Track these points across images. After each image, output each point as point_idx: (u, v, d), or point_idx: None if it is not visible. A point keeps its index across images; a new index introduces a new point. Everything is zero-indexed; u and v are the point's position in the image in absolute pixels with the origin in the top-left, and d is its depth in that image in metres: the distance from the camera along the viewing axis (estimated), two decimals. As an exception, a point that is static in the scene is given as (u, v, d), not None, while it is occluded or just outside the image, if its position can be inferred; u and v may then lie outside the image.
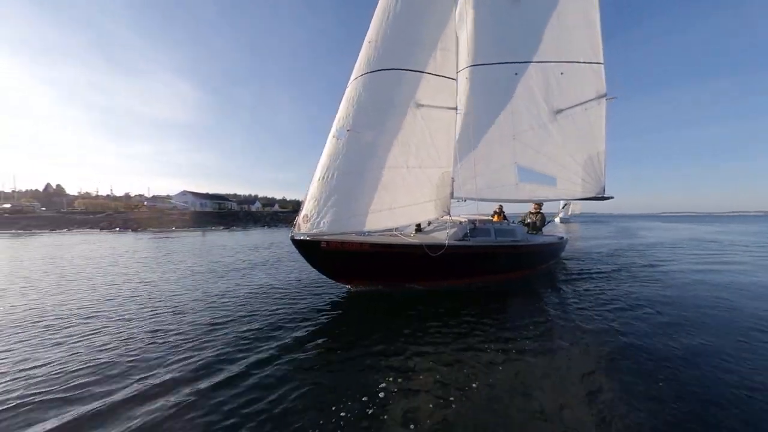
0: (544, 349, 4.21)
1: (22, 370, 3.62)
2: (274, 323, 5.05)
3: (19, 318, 5.32)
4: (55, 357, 3.93)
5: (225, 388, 3.32)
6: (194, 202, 59.01)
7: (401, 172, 6.34)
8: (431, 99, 6.51)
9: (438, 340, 4.52)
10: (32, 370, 3.62)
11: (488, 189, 7.79)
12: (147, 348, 4.21)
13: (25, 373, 3.58)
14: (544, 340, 4.52)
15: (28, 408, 3.00)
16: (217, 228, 37.10)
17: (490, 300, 6.55)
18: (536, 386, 3.37)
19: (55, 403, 3.10)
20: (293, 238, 6.16)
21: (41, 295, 6.74)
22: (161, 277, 8.65)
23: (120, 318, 5.31)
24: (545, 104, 7.88)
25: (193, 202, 58.77)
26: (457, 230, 7.18)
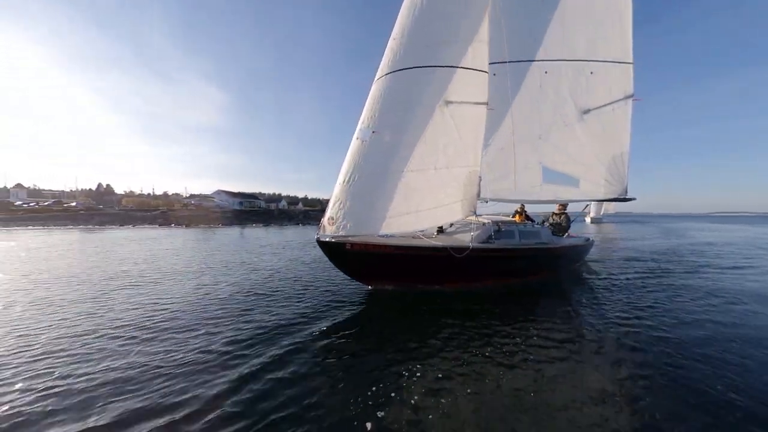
0: (572, 354, 3.97)
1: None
2: (296, 319, 5.12)
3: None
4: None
5: (252, 380, 3.36)
6: (228, 200, 60.54)
7: (428, 174, 6.04)
8: (461, 95, 6.11)
9: (460, 340, 4.40)
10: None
11: (512, 190, 7.55)
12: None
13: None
14: (573, 345, 4.27)
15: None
16: (257, 225, 38.83)
17: (514, 301, 6.31)
18: (561, 396, 3.14)
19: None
20: (318, 239, 6.06)
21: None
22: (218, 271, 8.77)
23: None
24: (573, 104, 7.54)
25: (226, 200, 60.31)
26: (481, 232, 6.92)
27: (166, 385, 3.27)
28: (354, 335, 4.60)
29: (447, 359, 3.88)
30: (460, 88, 6.15)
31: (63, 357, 3.82)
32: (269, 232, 27.74)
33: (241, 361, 3.76)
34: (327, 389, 3.23)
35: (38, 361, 3.71)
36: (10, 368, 3.55)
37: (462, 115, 6.25)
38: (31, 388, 3.20)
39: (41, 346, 4.11)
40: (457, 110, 6.19)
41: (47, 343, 4.20)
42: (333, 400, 3.07)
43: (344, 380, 3.41)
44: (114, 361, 3.74)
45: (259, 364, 3.67)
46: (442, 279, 6.69)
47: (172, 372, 3.49)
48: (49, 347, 4.07)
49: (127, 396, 3.08)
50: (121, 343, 4.22)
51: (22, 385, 3.25)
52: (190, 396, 3.08)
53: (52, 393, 3.11)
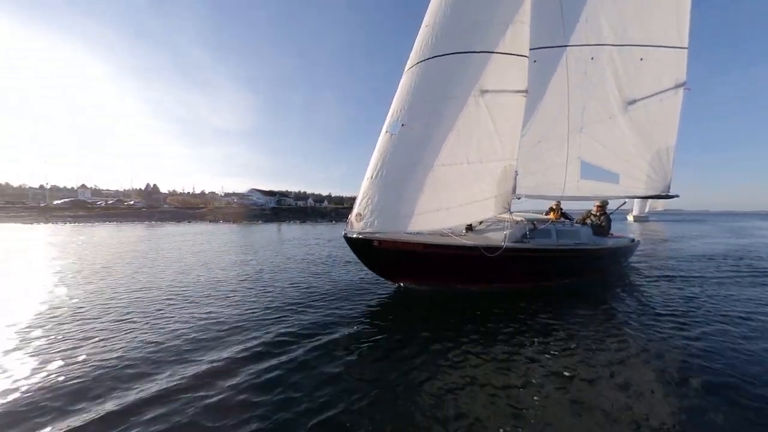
0: (616, 363, 3.51)
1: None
2: (325, 316, 5.03)
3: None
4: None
5: (275, 374, 3.29)
6: (262, 198, 62.19)
7: (460, 169, 5.63)
8: (497, 83, 5.60)
9: (491, 342, 4.09)
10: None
11: (548, 186, 7.06)
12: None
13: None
14: (616, 352, 3.80)
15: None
16: (293, 222, 40.28)
17: (551, 303, 5.82)
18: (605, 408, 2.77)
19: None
20: (346, 235, 5.86)
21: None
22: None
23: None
24: (619, 94, 6.83)
25: (260, 198, 61.98)
26: (514, 230, 6.39)
27: (189, 370, 3.21)
28: (381, 334, 4.41)
29: (478, 360, 3.62)
30: (497, 75, 5.63)
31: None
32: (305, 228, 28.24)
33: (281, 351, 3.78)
34: (353, 388, 3.10)
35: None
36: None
37: (499, 104, 5.74)
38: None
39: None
40: (493, 100, 5.69)
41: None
42: (360, 399, 2.92)
43: (370, 380, 3.25)
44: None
45: (288, 359, 3.61)
46: (473, 279, 6.33)
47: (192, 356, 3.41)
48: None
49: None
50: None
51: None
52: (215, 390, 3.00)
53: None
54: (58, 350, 3.80)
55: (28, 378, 3.21)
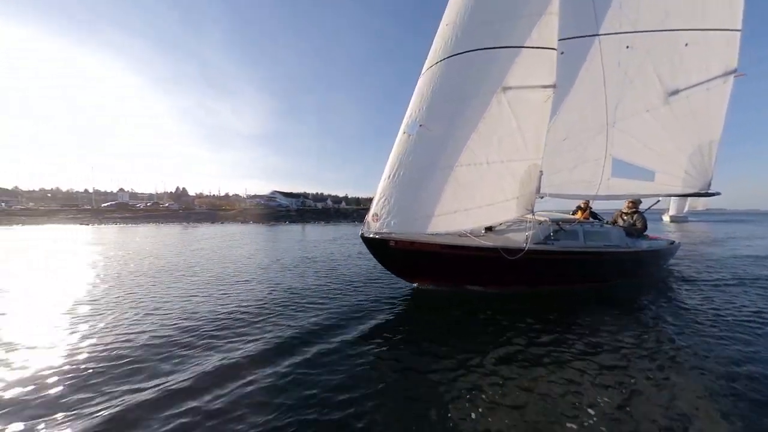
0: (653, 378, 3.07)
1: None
2: (341, 313, 5.01)
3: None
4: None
5: (290, 373, 3.24)
6: (284, 200, 63.60)
7: (480, 169, 5.37)
8: (522, 79, 5.29)
9: (511, 346, 3.85)
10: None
11: (576, 184, 6.56)
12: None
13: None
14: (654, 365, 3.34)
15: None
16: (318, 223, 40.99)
17: (576, 308, 5.41)
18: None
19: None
20: (363, 235, 5.79)
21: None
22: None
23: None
24: (660, 84, 6.18)
25: (282, 200, 63.49)
26: (537, 231, 6.02)
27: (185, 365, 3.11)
28: (395, 334, 4.29)
29: (495, 364, 3.39)
30: (521, 70, 5.30)
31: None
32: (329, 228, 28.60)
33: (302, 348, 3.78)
34: (366, 388, 3.02)
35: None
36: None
37: (523, 101, 5.40)
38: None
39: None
40: (516, 96, 5.36)
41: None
42: (373, 399, 2.86)
43: (383, 380, 3.16)
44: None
45: (311, 355, 3.60)
46: (492, 281, 6.03)
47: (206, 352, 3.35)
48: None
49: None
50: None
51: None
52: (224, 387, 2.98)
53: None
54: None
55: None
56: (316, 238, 19.16)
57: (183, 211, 47.95)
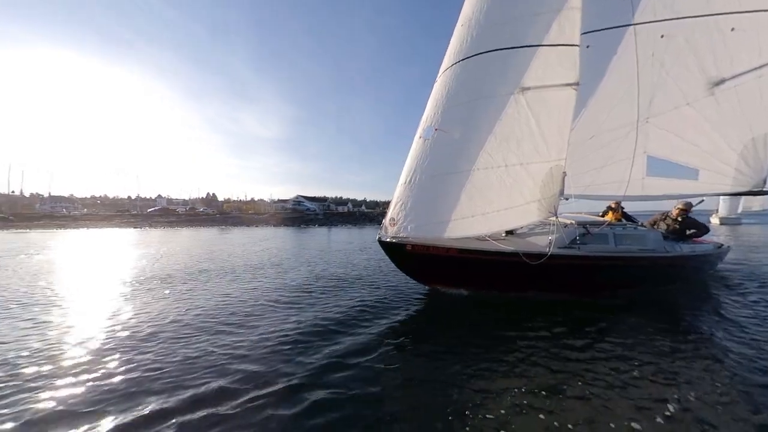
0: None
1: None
2: (359, 315, 4.98)
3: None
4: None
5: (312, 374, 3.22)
6: (311, 204, 63.36)
7: (498, 172, 5.14)
8: (541, 78, 5.01)
9: (533, 355, 3.60)
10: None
11: (605, 185, 6.03)
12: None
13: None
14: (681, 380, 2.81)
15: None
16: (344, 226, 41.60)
17: (606, 314, 4.98)
18: None
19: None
20: (380, 239, 5.74)
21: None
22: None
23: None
24: (701, 74, 5.55)
25: (312, 204, 63.35)
26: (562, 235, 5.61)
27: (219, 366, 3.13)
28: (410, 338, 4.18)
29: (513, 372, 3.20)
30: (540, 70, 5.01)
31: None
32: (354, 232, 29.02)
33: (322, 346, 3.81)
34: (382, 390, 2.97)
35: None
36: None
37: (542, 101, 5.11)
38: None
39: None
40: (535, 97, 5.07)
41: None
42: (388, 401, 2.82)
43: (396, 383, 3.10)
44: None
45: (330, 355, 3.60)
46: (513, 287, 5.71)
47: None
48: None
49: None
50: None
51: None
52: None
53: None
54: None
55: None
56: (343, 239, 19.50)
57: (220, 215, 50.59)
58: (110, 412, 2.67)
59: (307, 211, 56.02)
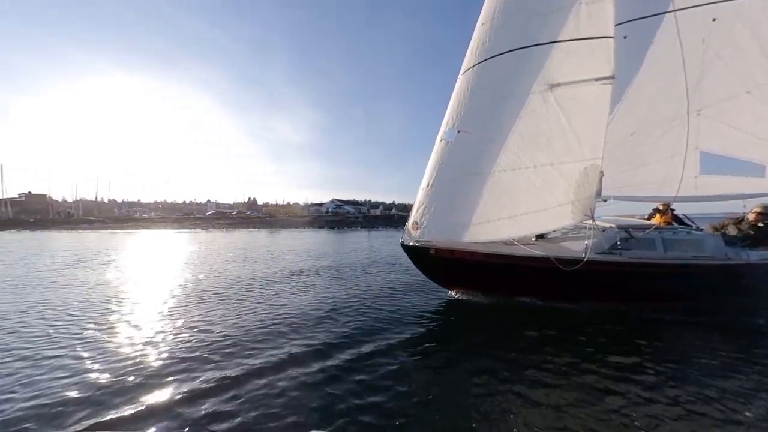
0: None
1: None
2: (383, 319, 4.93)
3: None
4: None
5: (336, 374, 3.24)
6: (334, 207, 63.79)
7: (526, 173, 4.88)
8: (571, 73, 4.68)
9: (561, 368, 3.33)
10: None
11: (646, 185, 5.44)
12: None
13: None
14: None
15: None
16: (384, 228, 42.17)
17: (651, 328, 4.52)
18: None
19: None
20: (403, 243, 5.66)
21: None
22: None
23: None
24: (763, 57, 4.91)
25: (333, 208, 63.70)
26: (600, 240, 5.14)
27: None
28: (433, 344, 4.10)
29: (538, 388, 2.97)
30: (570, 65, 4.70)
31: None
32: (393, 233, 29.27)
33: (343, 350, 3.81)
34: (406, 394, 2.95)
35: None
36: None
37: (574, 98, 4.78)
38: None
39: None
40: (566, 93, 4.76)
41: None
42: (412, 406, 2.79)
43: (418, 389, 3.05)
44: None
45: (351, 359, 3.59)
46: (544, 294, 5.39)
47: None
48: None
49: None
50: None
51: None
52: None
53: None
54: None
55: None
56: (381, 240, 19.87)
57: (270, 218, 54.18)
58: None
59: (347, 214, 57.71)
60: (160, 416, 2.61)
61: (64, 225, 42.57)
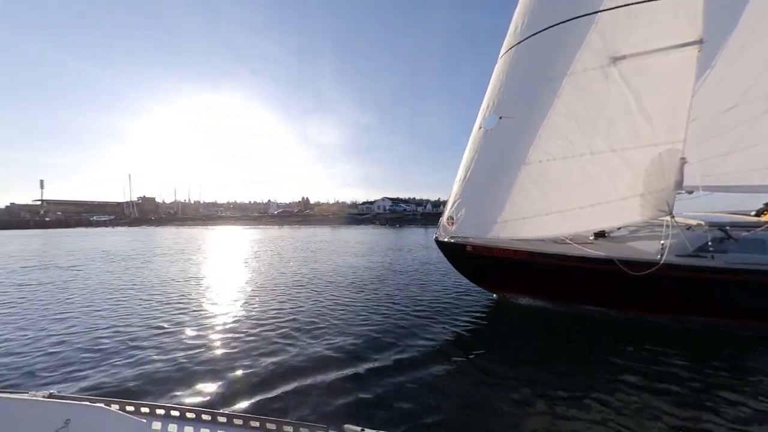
0: None
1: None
2: (422, 320, 4.75)
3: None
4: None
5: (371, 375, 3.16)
6: (391, 205, 64.15)
7: (580, 162, 4.27)
8: (642, 42, 3.94)
9: (622, 387, 2.86)
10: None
11: (751, 172, 4.24)
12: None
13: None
14: None
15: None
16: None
17: (751, 350, 3.66)
18: None
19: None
20: (437, 239, 5.43)
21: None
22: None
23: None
24: None
25: (390, 205, 64.07)
26: (682, 239, 4.25)
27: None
28: (476, 349, 3.87)
29: (595, 408, 2.60)
30: (640, 32, 3.96)
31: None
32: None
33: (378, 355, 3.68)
34: (441, 399, 2.82)
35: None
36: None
37: (645, 70, 4.02)
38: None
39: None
40: (634, 66, 4.02)
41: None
42: (448, 411, 2.68)
43: (455, 395, 2.91)
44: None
45: (386, 362, 3.50)
46: (602, 302, 4.65)
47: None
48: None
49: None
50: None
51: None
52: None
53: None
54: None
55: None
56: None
57: (333, 216, 57.69)
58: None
59: (405, 212, 58.02)
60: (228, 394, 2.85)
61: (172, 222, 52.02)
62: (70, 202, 66.80)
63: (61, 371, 3.28)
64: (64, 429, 1.15)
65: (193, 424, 1.23)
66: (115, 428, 1.18)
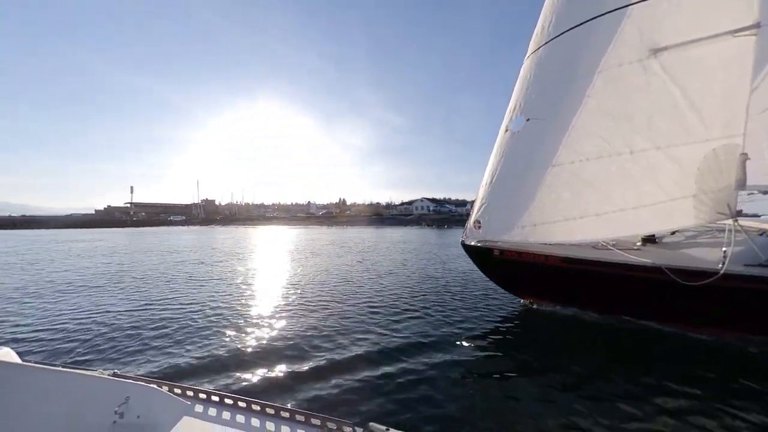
0: None
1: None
2: (449, 325, 4.67)
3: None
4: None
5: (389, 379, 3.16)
6: (429, 206, 63.99)
7: (618, 161, 4.02)
8: (686, 30, 3.66)
9: (662, 407, 2.67)
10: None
11: None
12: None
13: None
14: None
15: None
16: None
17: None
18: None
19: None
20: (464, 243, 5.35)
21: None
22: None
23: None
24: None
25: (428, 206, 63.95)
26: (751, 246, 3.79)
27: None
28: (500, 357, 3.81)
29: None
30: (683, 19, 3.66)
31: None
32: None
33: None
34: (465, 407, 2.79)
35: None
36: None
37: (692, 61, 3.70)
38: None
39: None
40: (678, 57, 3.73)
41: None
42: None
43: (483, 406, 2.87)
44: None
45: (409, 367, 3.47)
46: (648, 314, 4.28)
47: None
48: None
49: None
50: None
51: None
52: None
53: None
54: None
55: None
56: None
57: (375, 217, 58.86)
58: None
59: (451, 213, 56.93)
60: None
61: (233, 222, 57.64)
62: (151, 204, 79.27)
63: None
64: (125, 405, 1.30)
65: (230, 410, 1.34)
66: (166, 407, 1.32)
